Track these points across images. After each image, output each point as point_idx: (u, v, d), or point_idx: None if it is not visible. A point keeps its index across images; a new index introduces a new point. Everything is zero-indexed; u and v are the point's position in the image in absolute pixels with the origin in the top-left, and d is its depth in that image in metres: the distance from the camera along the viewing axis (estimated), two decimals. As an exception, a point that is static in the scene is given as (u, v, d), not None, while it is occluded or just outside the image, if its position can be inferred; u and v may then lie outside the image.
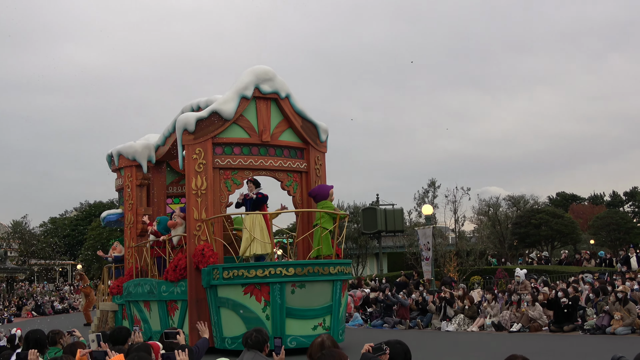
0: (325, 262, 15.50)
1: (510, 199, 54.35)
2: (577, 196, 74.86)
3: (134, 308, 19.27)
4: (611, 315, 17.54)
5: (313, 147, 17.78)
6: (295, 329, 15.01)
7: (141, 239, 20.59)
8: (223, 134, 16.76)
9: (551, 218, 48.25)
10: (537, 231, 48.25)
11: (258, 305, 15.01)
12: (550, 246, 49.18)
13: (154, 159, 20.94)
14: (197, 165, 16.50)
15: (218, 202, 16.67)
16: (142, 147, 20.82)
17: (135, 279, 19.29)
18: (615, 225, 49.23)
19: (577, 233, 49.06)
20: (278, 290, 14.87)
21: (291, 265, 15.05)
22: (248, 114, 16.99)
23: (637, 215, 68.12)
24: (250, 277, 14.98)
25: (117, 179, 21.97)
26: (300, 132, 17.49)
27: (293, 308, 15.01)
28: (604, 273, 25.78)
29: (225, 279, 15.19)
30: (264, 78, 17.04)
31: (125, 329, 7.68)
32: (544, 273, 30.11)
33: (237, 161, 16.83)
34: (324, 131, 18.07)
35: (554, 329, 18.71)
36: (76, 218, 72.21)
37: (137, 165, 20.88)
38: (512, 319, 20.02)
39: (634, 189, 73.22)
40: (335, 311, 15.70)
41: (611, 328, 17.28)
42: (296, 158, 17.65)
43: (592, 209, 62.28)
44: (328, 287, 15.52)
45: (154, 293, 17.68)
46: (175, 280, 16.75)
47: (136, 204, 20.87)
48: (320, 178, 17.92)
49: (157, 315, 17.68)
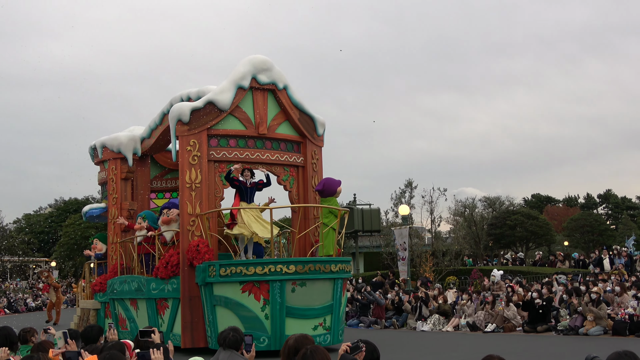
0: (326, 260, 14.83)
1: (486, 200, 54.26)
2: (552, 198, 75.28)
3: (119, 306, 18.37)
4: (584, 316, 17.64)
5: (310, 141, 17.11)
6: (295, 329, 14.22)
7: (126, 235, 19.68)
8: (218, 125, 16.01)
9: (526, 219, 48.23)
10: (512, 232, 48.18)
11: (257, 304, 14.29)
12: (525, 247, 49.14)
13: (140, 151, 20.05)
14: (192, 158, 15.71)
15: (213, 197, 15.89)
16: (128, 139, 19.90)
17: (121, 276, 18.40)
18: (589, 227, 49.35)
19: (552, 234, 49.09)
20: (278, 288, 14.16)
21: (292, 262, 14.34)
22: (244, 105, 16.26)
23: (610, 217, 68.64)
24: (249, 275, 14.24)
25: (101, 172, 21.02)
26: (297, 125, 16.80)
27: (293, 307, 14.32)
28: (578, 274, 26.06)
29: (222, 277, 14.42)
30: (261, 68, 16.31)
31: (98, 327, 7.43)
32: (518, 274, 30.06)
33: (233, 154, 16.08)
34: (322, 124, 17.40)
35: (528, 329, 18.75)
36: (51, 215, 70.51)
37: (122, 157, 19.96)
38: (486, 319, 20.05)
39: (608, 191, 73.89)
40: (335, 311, 15.05)
41: (584, 329, 17.37)
42: (293, 152, 16.96)
43: (567, 210, 62.53)
44: (329, 286, 14.85)
45: (142, 291, 16.83)
46: (167, 278, 15.92)
47: (120, 198, 19.95)
48: (317, 173, 17.26)
49: (145, 314, 16.83)
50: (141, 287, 16.87)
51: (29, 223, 71.34)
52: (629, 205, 70.96)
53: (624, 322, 17.03)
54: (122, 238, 19.44)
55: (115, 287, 18.35)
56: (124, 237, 19.52)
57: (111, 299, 18.81)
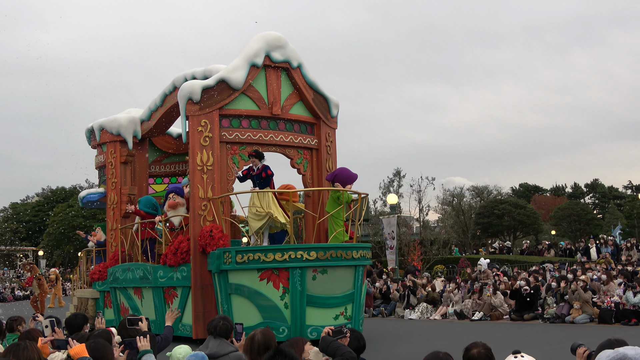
0: (347, 246, 14.01)
1: (474, 190, 53.89)
2: (540, 187, 75.13)
3: (122, 295, 17.41)
4: (571, 304, 17.65)
5: (324, 122, 16.26)
6: (316, 318, 13.51)
7: (126, 221, 18.69)
8: (231, 105, 15.10)
9: (514, 209, 48.03)
10: (500, 221, 47.99)
11: (276, 292, 13.44)
12: (512, 236, 48.89)
13: (140, 134, 19.04)
14: (203, 139, 14.78)
15: (225, 180, 14.98)
16: (128, 120, 18.87)
17: (123, 264, 17.42)
18: (576, 216, 49.22)
19: (539, 224, 48.92)
20: (298, 275, 13.32)
21: (313, 248, 13.50)
22: (257, 84, 15.36)
23: (597, 206, 68.63)
24: (268, 262, 13.37)
25: (98, 156, 19.95)
26: (311, 106, 15.93)
27: (314, 296, 13.50)
28: (565, 263, 25.89)
29: (238, 264, 13.54)
30: (275, 45, 15.42)
31: (82, 315, 7.29)
32: (505, 263, 29.90)
33: (246, 135, 15.18)
34: (335, 105, 16.56)
35: (515, 317, 18.72)
36: (38, 204, 68.94)
37: (122, 140, 18.92)
38: (474, 308, 20.05)
39: (595, 181, 73.86)
40: (357, 299, 14.26)
41: (570, 317, 17.39)
42: (307, 134, 16.10)
43: (554, 200, 62.40)
44: (350, 273, 14.04)
45: (148, 279, 15.89)
46: (175, 265, 15.01)
47: (120, 182, 18.92)
48: (331, 156, 16.44)
49: (152, 303, 15.90)
50: (147, 275, 15.93)
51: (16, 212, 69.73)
52: (616, 195, 70.98)
53: (610, 310, 17.01)
54: (122, 224, 18.43)
55: (117, 275, 17.38)
56: (124, 224, 18.53)
57: (112, 287, 17.84)
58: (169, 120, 18.69)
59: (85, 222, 49.35)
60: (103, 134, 19.18)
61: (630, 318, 16.47)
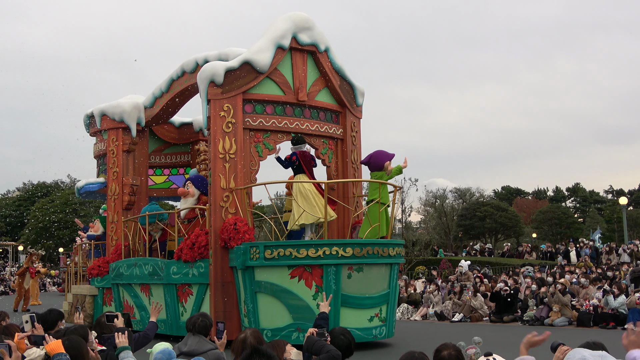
0: (383, 242, 12.91)
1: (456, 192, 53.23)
2: (522, 190, 74.78)
3: (125, 292, 16.07)
4: (550, 307, 17.69)
5: (349, 111, 15.16)
6: (350, 320, 12.35)
7: (127, 213, 17.33)
8: (255, 90, 13.90)
9: (496, 211, 47.57)
10: (482, 223, 47.48)
11: (308, 291, 12.27)
12: (493, 238, 48.36)
13: (144, 121, 17.71)
14: (225, 125, 13.55)
15: (248, 169, 13.76)
16: (131, 106, 17.53)
17: (129, 259, 16.09)
18: (557, 219, 48.88)
19: (520, 226, 48.49)
20: (333, 273, 12.16)
21: (349, 244, 12.34)
22: (283, 68, 14.18)
23: (578, 210, 68.54)
24: (300, 258, 12.19)
25: (97, 144, 18.53)
26: (337, 93, 14.81)
27: (349, 295, 12.35)
28: (545, 266, 26.05)
29: (267, 260, 12.34)
30: (302, 26, 14.25)
31: (57, 311, 7.07)
32: (486, 265, 29.68)
33: (270, 122, 13.98)
34: (361, 93, 15.46)
35: (494, 319, 18.76)
36: (18, 198, 66.67)
37: (124, 127, 17.58)
38: (454, 309, 20.04)
39: (576, 185, 73.70)
40: (392, 300, 13.19)
41: (549, 319, 17.44)
42: (332, 122, 14.97)
43: (536, 203, 62.05)
44: (386, 272, 12.96)
45: (159, 275, 14.59)
46: (192, 260, 13.74)
47: (122, 172, 17.55)
48: (356, 147, 15.32)
49: (162, 301, 14.59)
50: (158, 271, 14.63)
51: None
52: (597, 199, 70.96)
53: (588, 314, 17.04)
54: (126, 217, 17.08)
55: (121, 270, 16.03)
56: (126, 216, 17.19)
57: (114, 284, 16.47)
58: (174, 108, 17.44)
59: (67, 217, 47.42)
60: (104, 120, 17.81)
61: (608, 321, 16.41)
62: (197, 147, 17.58)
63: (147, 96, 17.68)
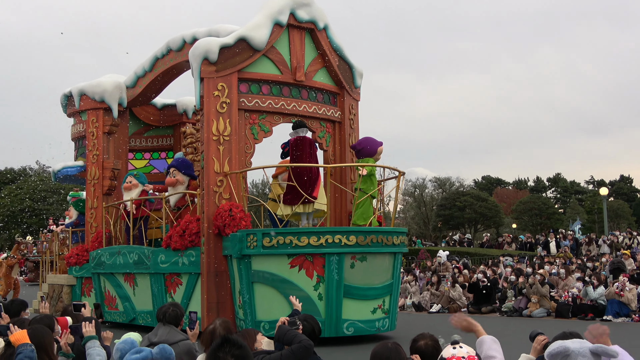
0: (388, 230, 12.48)
1: (436, 181, 52.97)
2: (502, 180, 74.77)
3: (107, 282, 15.40)
4: (528, 298, 17.69)
5: (347, 93, 14.65)
6: (353, 312, 11.93)
7: (109, 199, 16.62)
8: (250, 68, 13.31)
9: (475, 201, 47.50)
10: (462, 213, 47.37)
11: (309, 281, 11.78)
12: (473, 229, 48.28)
13: (126, 101, 16.99)
14: (219, 105, 12.93)
15: (243, 152, 13.16)
16: (113, 86, 16.79)
17: (112, 246, 15.40)
18: (538, 210, 48.95)
19: (500, 217, 48.49)
20: (336, 263, 11.67)
21: (352, 232, 11.84)
22: (280, 46, 13.61)
23: (558, 201, 68.76)
24: (302, 246, 11.67)
25: (76, 125, 17.74)
26: (336, 73, 14.27)
27: (352, 286, 11.90)
28: (524, 257, 26.06)
29: (265, 248, 11.78)
30: (301, 2, 13.72)
31: (20, 300, 7.13)
32: (465, 255, 29.49)
33: (267, 103, 13.39)
34: (360, 74, 14.94)
35: (473, 310, 18.71)
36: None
37: (105, 108, 16.82)
38: (431, 300, 20.03)
39: (557, 175, 73.80)
40: (395, 291, 12.76)
41: (528, 310, 17.45)
42: (330, 105, 14.43)
43: (516, 193, 62.12)
44: (390, 261, 12.52)
45: (145, 264, 13.95)
46: (182, 249, 13.13)
47: (102, 155, 16.79)
48: (355, 131, 14.80)
49: (149, 292, 13.98)
50: (144, 260, 13.98)
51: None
52: (577, 190, 71.23)
53: (567, 305, 17.04)
54: (107, 202, 16.35)
55: (103, 259, 15.33)
56: (107, 201, 16.47)
57: (95, 273, 15.76)
58: (157, 88, 16.85)
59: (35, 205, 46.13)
60: (84, 101, 17.04)
61: (587, 313, 16.38)
62: (183, 130, 16.91)
63: (129, 75, 17.03)
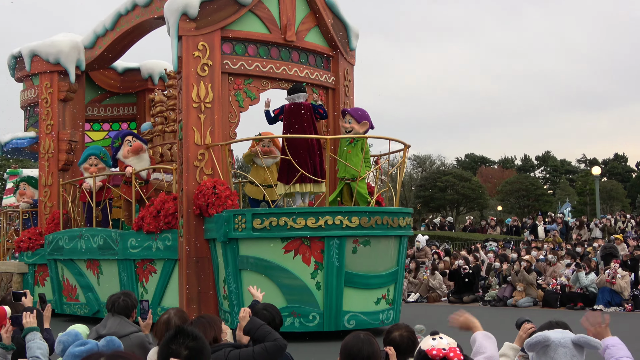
0: (393, 211, 12.18)
1: (415, 159, 52.97)
2: (487, 159, 74.86)
3: (66, 269, 14.91)
4: (514, 286, 17.76)
5: (342, 56, 14.30)
6: (354, 303, 11.67)
7: (66, 175, 16.05)
8: (235, 26, 12.86)
9: (458, 181, 47.69)
10: (443, 195, 47.54)
11: (305, 268, 11.44)
12: (455, 211, 48.49)
13: (84, 64, 16.38)
14: (200, 68, 12.46)
15: (227, 122, 12.71)
16: (70, 46, 16.17)
17: (71, 229, 14.88)
18: (525, 191, 49.34)
19: (485, 198, 48.78)
20: (336, 247, 11.35)
21: (354, 213, 11.51)
22: (268, 1, 13.11)
23: (548, 181, 69.31)
24: (298, 229, 11.30)
25: (26, 91, 17.05)
26: (330, 33, 13.88)
27: (354, 273, 11.59)
28: (510, 241, 26.66)
29: (256, 230, 11.40)
30: (291, -50, 13.17)
31: None
32: (446, 240, 29.77)
33: (254, 65, 12.95)
34: (355, 35, 14.57)
35: (453, 299, 18.90)
36: None
37: (60, 71, 16.20)
38: (409, 289, 20.04)
39: (547, 153, 74.08)
40: (400, 279, 12.52)
41: (513, 299, 17.52)
42: (323, 69, 14.05)
43: (502, 173, 62.47)
44: (395, 245, 12.27)
45: (112, 249, 13.50)
46: (156, 231, 12.68)
47: (58, 125, 16.19)
48: (349, 99, 14.44)
49: (116, 281, 13.57)
50: (111, 244, 13.51)
51: None
52: (568, 169, 71.80)
53: (555, 293, 17.13)
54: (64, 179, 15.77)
55: (61, 243, 14.80)
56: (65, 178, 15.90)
57: (51, 259, 15.23)
58: (120, 49, 16.38)
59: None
60: (36, 63, 16.41)
61: (576, 302, 16.49)
62: (151, 97, 16.36)
63: (87, 34, 16.43)
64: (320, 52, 13.90)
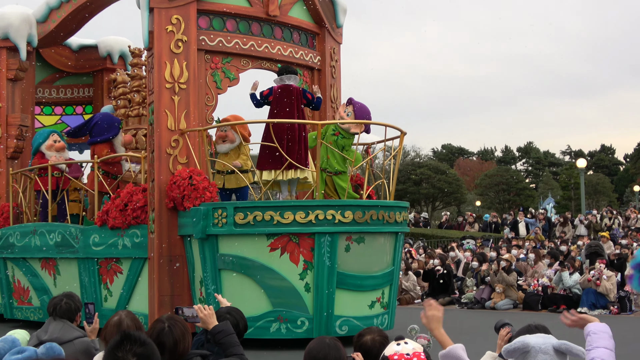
0: (389, 205, 11.90)
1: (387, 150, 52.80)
2: (465, 150, 75.11)
3: (16, 269, 14.40)
4: (492, 287, 17.81)
5: (329, 33, 13.99)
6: (347, 306, 11.38)
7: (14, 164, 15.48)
8: (212, -3, 12.37)
9: (434, 174, 47.83)
10: (417, 189, 47.59)
11: (293, 268, 11.10)
12: (430, 207, 48.58)
13: (36, 39, 15.86)
14: (174, 44, 12.01)
15: (203, 105, 12.27)
16: (21, 19, 15.63)
17: (23, 224, 14.31)
18: (505, 184, 49.65)
19: (462, 192, 48.99)
20: (328, 245, 11.01)
21: (348, 206, 11.15)
22: (249, -30, 12.70)
23: (530, 174, 69.70)
24: (285, 224, 10.92)
25: (-30, 69, 16.38)
26: (316, 8, 13.55)
27: (347, 274, 11.28)
28: (489, 239, 26.54)
29: (238, 226, 11.00)
30: None
31: None
32: (420, 237, 29.99)
33: (233, 42, 12.57)
34: (343, 10, 14.30)
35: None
36: None
37: (9, 47, 15.65)
38: None
39: (529, 144, 74.41)
40: (395, 280, 12.28)
41: (491, 302, 17.60)
42: (307, 47, 13.71)
43: (481, 165, 62.85)
44: (391, 243, 12.01)
45: (72, 247, 13.00)
46: (123, 227, 12.22)
47: (7, 108, 15.63)
48: (336, 81, 14.16)
49: (76, 282, 13.14)
50: (70, 241, 13.02)
51: None
52: (552, 162, 72.34)
53: (536, 295, 17.20)
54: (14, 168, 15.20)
55: (11, 240, 14.27)
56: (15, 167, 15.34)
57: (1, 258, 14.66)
58: (75, 24, 15.85)
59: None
60: (-19, 37, 15.75)
61: (559, 304, 16.51)
62: (112, 77, 15.87)
63: (39, 6, 15.92)
64: (305, 28, 13.55)
